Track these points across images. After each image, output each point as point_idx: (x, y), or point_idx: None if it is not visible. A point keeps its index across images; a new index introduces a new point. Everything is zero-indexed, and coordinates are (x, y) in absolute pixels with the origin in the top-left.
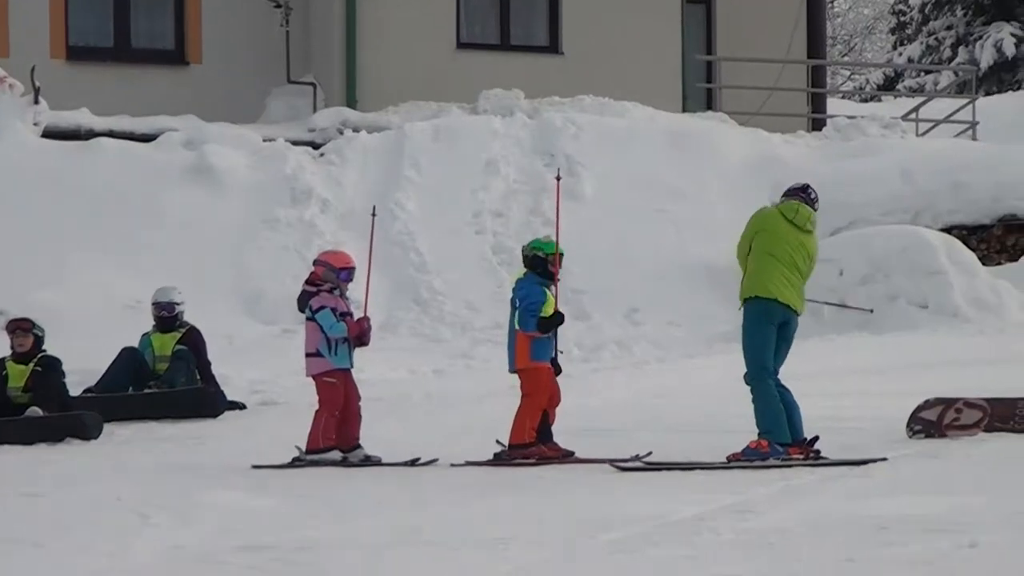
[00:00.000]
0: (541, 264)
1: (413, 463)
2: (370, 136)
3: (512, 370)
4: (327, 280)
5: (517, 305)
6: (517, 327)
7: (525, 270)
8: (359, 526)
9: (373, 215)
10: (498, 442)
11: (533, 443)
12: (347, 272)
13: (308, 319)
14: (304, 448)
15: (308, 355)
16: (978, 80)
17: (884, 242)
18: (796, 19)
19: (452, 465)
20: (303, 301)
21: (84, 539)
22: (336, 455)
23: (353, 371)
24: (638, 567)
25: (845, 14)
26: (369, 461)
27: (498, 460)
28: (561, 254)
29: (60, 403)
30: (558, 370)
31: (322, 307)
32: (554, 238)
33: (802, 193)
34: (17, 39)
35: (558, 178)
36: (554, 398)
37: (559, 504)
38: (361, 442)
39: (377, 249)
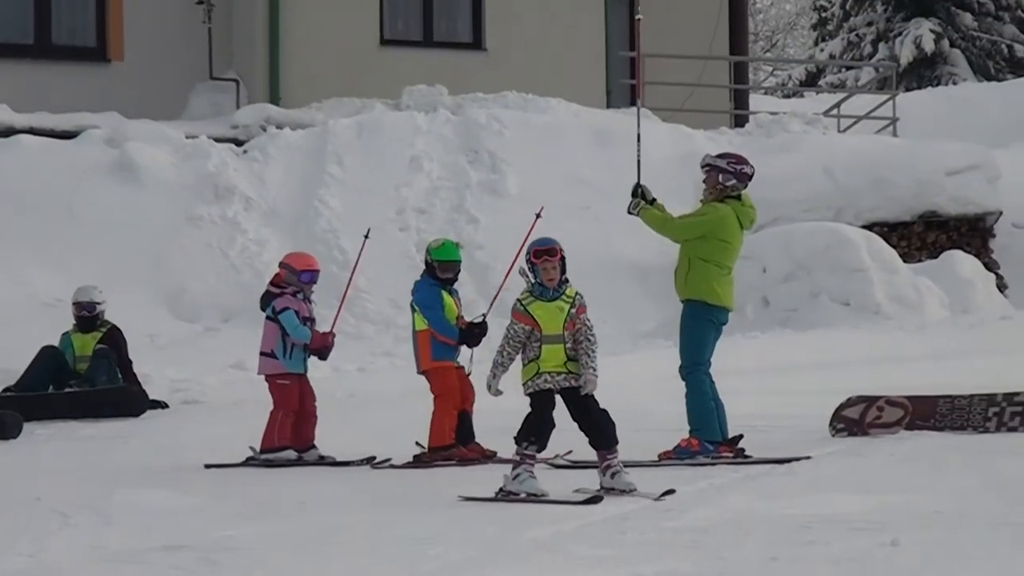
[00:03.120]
0: (430, 268)
1: (369, 462)
2: (293, 133)
3: (419, 372)
4: (290, 283)
5: (415, 309)
6: (419, 328)
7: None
8: (280, 526)
9: (366, 237)
10: (418, 443)
11: (453, 444)
12: (309, 274)
13: (268, 318)
14: (258, 448)
15: (262, 354)
16: (898, 76)
17: (806, 239)
18: (718, 15)
19: (373, 466)
20: (266, 301)
21: (3, 539)
22: (291, 454)
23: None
24: (561, 566)
25: (767, 10)
26: (323, 461)
27: (418, 462)
28: (458, 261)
29: None
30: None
31: (286, 308)
32: (452, 241)
33: (748, 181)
34: None
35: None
36: (468, 398)
37: (482, 503)
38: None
39: (301, 247)
